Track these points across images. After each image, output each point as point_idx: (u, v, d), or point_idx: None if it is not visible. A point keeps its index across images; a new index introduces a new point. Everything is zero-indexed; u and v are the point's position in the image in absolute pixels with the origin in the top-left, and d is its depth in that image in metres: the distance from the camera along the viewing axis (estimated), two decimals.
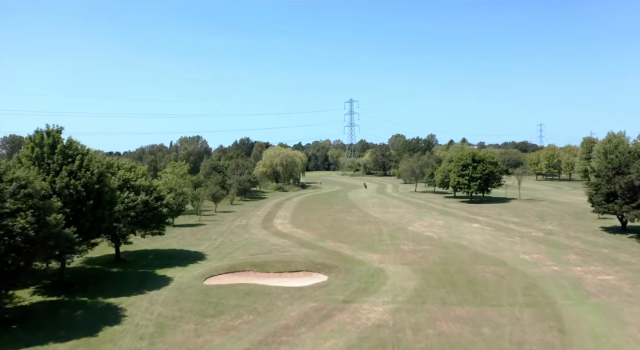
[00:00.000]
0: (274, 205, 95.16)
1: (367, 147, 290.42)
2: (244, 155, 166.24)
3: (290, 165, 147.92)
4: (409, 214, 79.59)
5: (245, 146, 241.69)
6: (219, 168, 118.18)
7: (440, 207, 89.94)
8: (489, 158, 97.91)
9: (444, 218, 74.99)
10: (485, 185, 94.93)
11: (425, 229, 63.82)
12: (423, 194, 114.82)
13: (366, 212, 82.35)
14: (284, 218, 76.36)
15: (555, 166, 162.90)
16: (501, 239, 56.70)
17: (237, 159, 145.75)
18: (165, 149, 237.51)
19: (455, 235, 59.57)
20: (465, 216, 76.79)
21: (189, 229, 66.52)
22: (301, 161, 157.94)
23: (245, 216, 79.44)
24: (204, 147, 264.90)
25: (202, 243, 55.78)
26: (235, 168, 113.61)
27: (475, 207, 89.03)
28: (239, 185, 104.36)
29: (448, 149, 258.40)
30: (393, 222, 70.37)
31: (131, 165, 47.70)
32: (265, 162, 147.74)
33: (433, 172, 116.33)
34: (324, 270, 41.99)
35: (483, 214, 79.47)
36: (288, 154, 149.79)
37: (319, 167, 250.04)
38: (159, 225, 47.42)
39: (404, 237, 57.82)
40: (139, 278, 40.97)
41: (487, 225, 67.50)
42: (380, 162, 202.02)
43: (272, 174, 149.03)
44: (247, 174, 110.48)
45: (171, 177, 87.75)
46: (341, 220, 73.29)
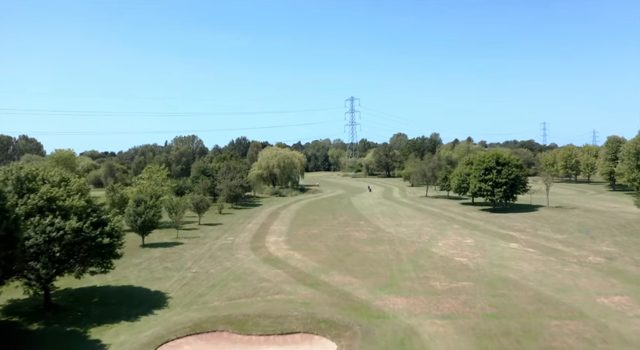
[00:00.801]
0: (268, 215, 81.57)
1: (368, 146, 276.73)
2: (238, 157, 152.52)
3: (288, 166, 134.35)
4: (427, 228, 66.11)
5: (241, 146, 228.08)
6: (208, 171, 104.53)
7: (461, 217, 76.43)
8: (513, 160, 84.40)
9: (470, 233, 61.52)
10: (511, 192, 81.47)
11: (454, 252, 50.28)
12: (436, 200, 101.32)
13: (376, 225, 68.83)
14: (278, 234, 62.81)
15: (573, 167, 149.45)
16: (557, 269, 43.23)
17: (230, 160, 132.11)
18: (158, 148, 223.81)
19: (495, 261, 46.09)
20: (495, 231, 63.31)
21: (161, 251, 52.96)
22: (300, 162, 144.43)
23: (233, 231, 65.85)
24: (199, 147, 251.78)
25: (169, 276, 42.23)
26: (226, 171, 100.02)
27: (502, 217, 75.54)
28: (230, 191, 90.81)
29: (453, 149, 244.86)
30: (411, 240, 56.85)
31: (61, 177, 33.93)
32: (261, 164, 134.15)
33: (447, 175, 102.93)
34: (331, 333, 28.44)
35: (515, 227, 66.00)
36: (286, 154, 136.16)
37: (319, 167, 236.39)
38: (103, 261, 33.81)
39: (431, 266, 44.31)
40: (60, 345, 27.55)
41: (528, 245, 54.01)
42: (383, 162, 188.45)
43: (269, 177, 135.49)
44: (239, 177, 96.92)
45: (147, 183, 74.18)
46: (347, 237, 59.75)
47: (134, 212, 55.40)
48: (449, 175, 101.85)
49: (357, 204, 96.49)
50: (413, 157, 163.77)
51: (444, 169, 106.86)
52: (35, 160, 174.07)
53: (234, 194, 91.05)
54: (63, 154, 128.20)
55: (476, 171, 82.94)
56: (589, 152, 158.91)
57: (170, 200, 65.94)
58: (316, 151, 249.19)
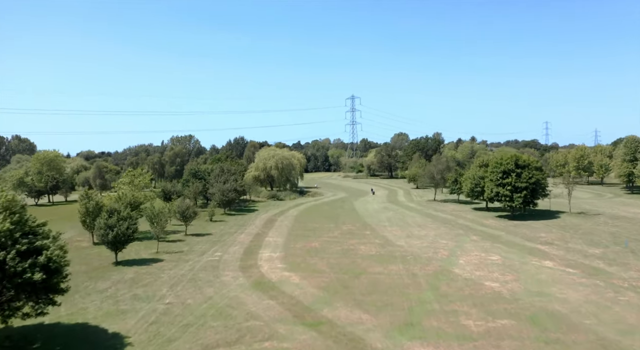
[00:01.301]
0: (263, 223, 73.39)
1: (369, 146, 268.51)
2: (235, 157, 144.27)
3: (287, 168, 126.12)
4: (443, 240, 57.99)
5: (239, 146, 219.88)
6: (199, 174, 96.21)
7: (478, 226, 68.29)
8: (533, 163, 76.27)
9: (493, 247, 53.40)
10: (531, 197, 73.34)
11: (481, 274, 42.14)
12: (445, 205, 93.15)
13: (384, 236, 60.65)
14: (273, 247, 54.62)
15: (585, 168, 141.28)
16: (610, 298, 35.14)
17: (225, 161, 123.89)
18: (153, 149, 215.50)
19: (533, 287, 37.97)
20: (521, 244, 55.19)
21: (134, 271, 44.76)
22: (299, 163, 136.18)
23: (222, 244, 57.64)
24: (196, 147, 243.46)
25: (137, 308, 34.06)
26: (219, 174, 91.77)
27: (523, 226, 67.42)
28: (222, 196, 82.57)
29: (457, 149, 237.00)
30: (427, 257, 48.69)
31: None
32: (258, 165, 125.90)
33: (457, 177, 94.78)
34: None
35: (542, 239, 57.87)
36: (284, 155, 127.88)
37: (319, 167, 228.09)
38: (38, 301, 25.62)
39: (456, 294, 36.18)
40: None
41: (564, 263, 45.89)
42: (385, 163, 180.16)
43: (266, 179, 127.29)
44: (232, 181, 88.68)
45: (127, 189, 65.99)
46: (352, 252, 51.56)
47: (104, 225, 47.25)
48: (460, 178, 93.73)
49: (360, 210, 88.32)
50: (417, 157, 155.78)
51: (454, 171, 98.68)
52: (25, 161, 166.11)
53: (226, 199, 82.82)
54: (47, 155, 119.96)
55: (493, 174, 74.77)
56: (602, 152, 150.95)
57: (152, 208, 57.72)
58: (316, 151, 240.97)
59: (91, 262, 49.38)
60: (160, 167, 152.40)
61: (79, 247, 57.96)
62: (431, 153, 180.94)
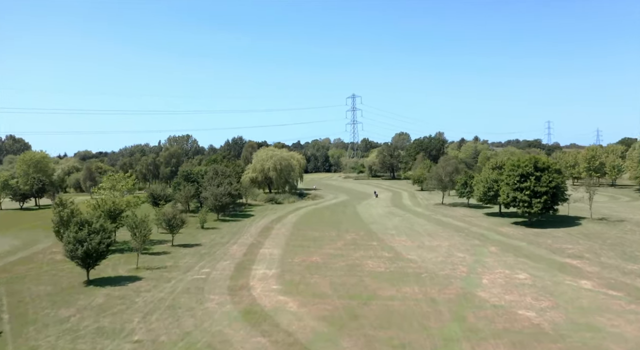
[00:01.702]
0: (259, 232, 66.87)
1: (370, 146, 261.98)
2: (232, 158, 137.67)
3: (286, 169, 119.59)
4: (459, 252, 51.48)
5: (237, 146, 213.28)
6: (192, 177, 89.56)
7: (494, 235, 61.79)
8: (553, 165, 69.76)
9: (517, 261, 46.91)
10: (552, 203, 66.85)
11: (511, 298, 35.56)
12: (455, 209, 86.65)
13: (392, 248, 54.14)
14: (269, 262, 48.08)
15: (597, 170, 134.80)
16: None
17: (221, 162, 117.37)
18: (149, 149, 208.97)
19: (577, 317, 31.47)
20: (547, 257, 48.72)
21: (105, 294, 38.18)
22: (299, 164, 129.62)
23: (211, 257, 51.07)
24: (194, 147, 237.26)
25: (96, 349, 27.58)
26: (213, 176, 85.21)
27: (545, 235, 60.93)
28: (215, 201, 75.99)
29: (460, 148, 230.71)
30: (444, 275, 42.18)
31: None
32: (256, 167, 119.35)
33: (467, 180, 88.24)
34: None
35: (569, 251, 51.40)
36: (283, 156, 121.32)
37: (319, 168, 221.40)
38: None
39: (488, 328, 29.63)
40: None
41: (603, 282, 39.38)
42: (387, 163, 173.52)
43: (264, 180, 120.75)
44: (227, 184, 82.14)
45: (107, 195, 59.48)
46: (359, 269, 45.01)
47: (73, 239, 40.74)
48: (470, 180, 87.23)
49: (364, 215, 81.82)
50: (422, 158, 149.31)
51: (463, 173, 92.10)
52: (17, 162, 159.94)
53: (220, 204, 76.24)
54: (34, 156, 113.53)
55: (509, 178, 68.21)
56: (614, 152, 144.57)
57: (133, 217, 51.18)
58: (316, 151, 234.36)
59: (60, 281, 42.87)
60: (154, 169, 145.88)
61: (52, 260, 51.50)
62: (435, 153, 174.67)
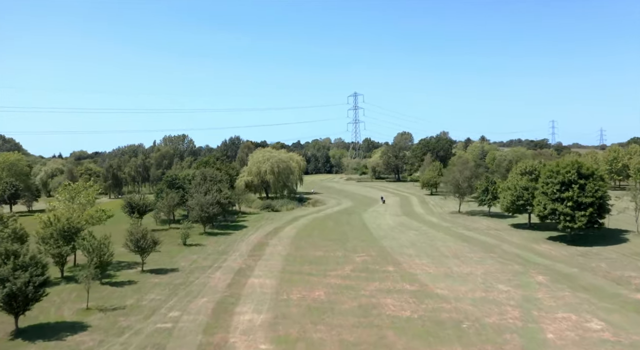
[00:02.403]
0: (250, 250, 55.69)
1: (372, 146, 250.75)
2: (226, 160, 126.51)
3: (284, 172, 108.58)
4: (500, 284, 40.35)
5: (234, 146, 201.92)
6: (177, 182, 78.28)
7: (535, 256, 50.66)
8: (597, 171, 58.61)
9: (577, 297, 35.84)
10: (598, 216, 55.75)
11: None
12: (475, 220, 75.52)
13: (415, 276, 42.99)
14: (258, 301, 36.84)
15: (619, 172, 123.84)
16: None
17: (213, 165, 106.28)
18: (141, 149, 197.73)
19: None
20: (614, 292, 37.67)
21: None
22: (298, 166, 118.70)
23: (186, 291, 39.82)
24: (190, 147, 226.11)
25: None
26: (200, 182, 74.04)
27: (593, 256, 49.81)
28: (201, 211, 64.78)
29: (466, 149, 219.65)
30: (493, 325, 30.97)
31: None
32: (251, 169, 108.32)
33: (488, 186, 77.09)
34: None
35: (636, 282, 40.35)
36: (281, 157, 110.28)
37: (320, 169, 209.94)
38: None
39: None
40: None
41: None
42: (392, 164, 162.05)
43: (260, 184, 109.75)
44: (216, 191, 71.01)
45: (63, 208, 48.39)
46: (376, 313, 33.79)
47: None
48: (493, 187, 76.13)
49: (372, 226, 70.78)
50: (429, 159, 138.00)
51: (484, 178, 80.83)
52: None
53: (206, 215, 65.06)
54: (7, 158, 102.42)
55: (547, 186, 57.02)
56: (637, 153, 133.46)
57: (90, 240, 40.06)
58: (316, 151, 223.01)
59: None
60: (144, 171, 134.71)
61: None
62: (443, 154, 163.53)
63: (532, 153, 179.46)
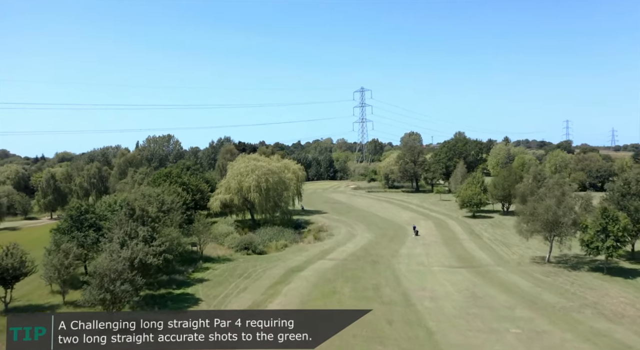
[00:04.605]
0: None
1: (381, 148, 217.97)
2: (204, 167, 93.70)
3: (276, 188, 76.28)
4: None
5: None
6: (89, 219, 44.65)
7: None
8: None
9: None
10: None
11: None
12: (592, 282, 42.92)
13: None
14: None
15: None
16: None
17: (174, 179, 73.66)
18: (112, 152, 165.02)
19: None
20: None
21: None
22: (295, 178, 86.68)
23: None
24: (175, 149, 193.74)
25: None
26: (125, 220, 41.14)
27: None
28: (100, 289, 32.09)
29: (489, 152, 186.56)
30: None
31: None
32: (229, 184, 75.96)
33: (607, 223, 44.30)
34: None
35: None
36: (271, 168, 77.73)
37: (322, 175, 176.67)
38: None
39: None
40: None
41: None
42: (410, 171, 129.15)
43: (243, 204, 77.56)
44: (143, 240, 38.33)
45: None
46: None
47: None
48: (612, 224, 43.52)
49: (423, 305, 38.01)
50: (463, 167, 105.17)
51: (598, 211, 47.44)
52: None
53: (113, 295, 32.29)
54: None
55: None
56: None
57: None
58: (318, 154, 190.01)
59: None
60: (99, 182, 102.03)
61: None
62: (471, 159, 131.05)
63: (575, 158, 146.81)
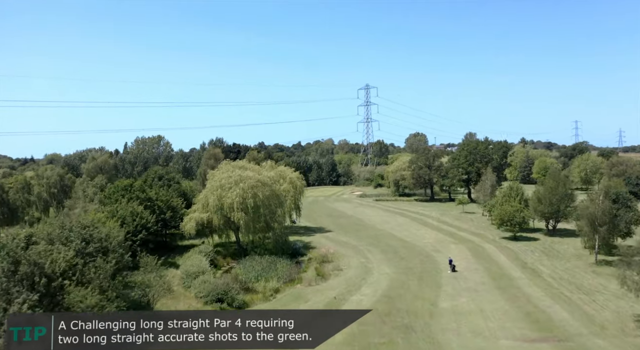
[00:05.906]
0: None
1: (386, 151, 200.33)
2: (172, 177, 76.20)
3: (267, 204, 58.54)
4: None
5: None
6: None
7: None
8: None
9: None
10: None
11: None
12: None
13: None
14: None
15: None
16: None
17: (137, 193, 56.30)
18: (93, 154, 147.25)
19: None
20: None
21: None
22: (293, 188, 70.02)
23: None
24: (166, 151, 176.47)
25: None
26: (5, 279, 23.89)
27: None
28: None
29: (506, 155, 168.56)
30: None
31: None
32: (207, 201, 58.20)
33: None
34: None
35: None
36: (261, 179, 59.93)
37: (324, 180, 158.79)
38: None
39: None
40: None
41: None
42: (425, 177, 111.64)
43: (226, 224, 60.03)
44: (58, 302, 21.01)
45: None
46: None
47: None
48: None
49: None
50: (492, 174, 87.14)
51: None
52: None
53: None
54: None
55: None
56: None
57: None
58: (319, 157, 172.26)
59: None
60: (61, 193, 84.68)
61: None
62: (495, 164, 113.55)
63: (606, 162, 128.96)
